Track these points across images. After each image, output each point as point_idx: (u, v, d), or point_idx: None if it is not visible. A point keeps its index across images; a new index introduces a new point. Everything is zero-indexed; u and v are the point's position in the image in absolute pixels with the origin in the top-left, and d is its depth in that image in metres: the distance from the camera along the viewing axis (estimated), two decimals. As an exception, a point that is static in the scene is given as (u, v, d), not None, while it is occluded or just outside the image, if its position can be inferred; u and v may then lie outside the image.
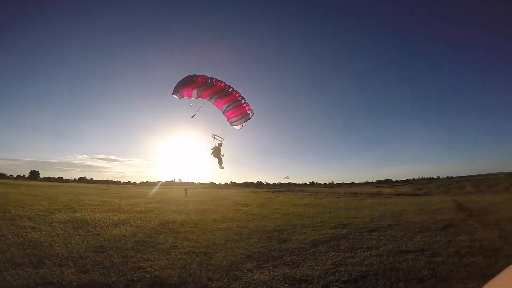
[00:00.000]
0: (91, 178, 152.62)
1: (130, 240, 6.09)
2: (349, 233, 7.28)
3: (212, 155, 11.20)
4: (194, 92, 7.53)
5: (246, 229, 8.01)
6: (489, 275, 3.48)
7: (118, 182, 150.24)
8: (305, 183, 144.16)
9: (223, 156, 10.54)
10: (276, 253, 5.41)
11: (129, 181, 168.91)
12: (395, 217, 10.07)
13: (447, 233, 6.48)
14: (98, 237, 6.21)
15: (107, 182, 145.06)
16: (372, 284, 3.71)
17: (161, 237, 6.64)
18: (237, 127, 9.43)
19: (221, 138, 10.12)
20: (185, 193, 29.12)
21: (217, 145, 11.25)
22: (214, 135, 10.23)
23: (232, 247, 5.84)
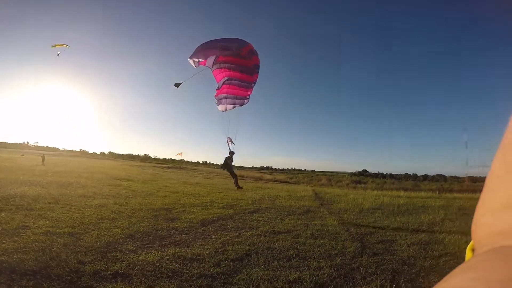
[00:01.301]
0: None
1: None
2: (235, 213, 7.82)
3: (224, 169, 9.82)
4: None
5: (127, 207, 7.31)
6: (333, 256, 4.47)
7: None
8: (198, 162, 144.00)
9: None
10: (164, 232, 5.22)
11: None
12: (271, 200, 11.56)
13: (307, 217, 7.96)
14: None
15: None
16: (254, 262, 4.10)
17: (2, 215, 5.26)
18: (222, 108, 8.07)
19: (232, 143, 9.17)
20: (42, 161, 23.84)
21: (230, 154, 9.75)
22: (229, 138, 9.15)
23: (108, 226, 5.24)
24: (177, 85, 7.93)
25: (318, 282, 3.46)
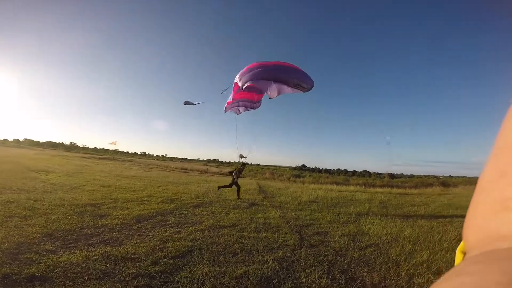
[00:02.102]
0: None
1: None
2: (176, 208, 7.51)
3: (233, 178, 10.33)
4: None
5: (44, 203, 6.38)
6: (275, 249, 4.62)
7: None
8: (135, 153, 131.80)
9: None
10: (90, 230, 4.72)
11: None
12: (217, 194, 11.41)
13: (251, 211, 8.11)
14: None
15: None
16: (198, 258, 3.99)
17: None
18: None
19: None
20: None
21: (242, 166, 10.42)
22: (241, 155, 9.75)
23: (19, 225, 4.54)
24: (188, 103, 8.13)
25: (264, 276, 3.53)
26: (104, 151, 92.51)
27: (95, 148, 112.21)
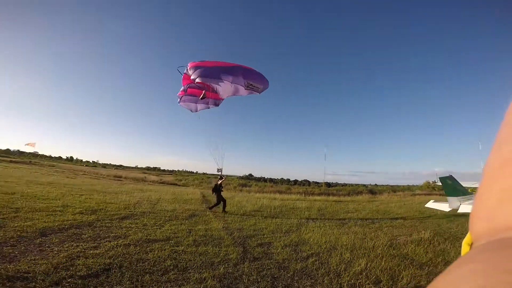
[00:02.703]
0: None
1: None
2: (98, 220, 6.52)
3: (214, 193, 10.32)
4: None
5: None
6: (215, 264, 4.12)
7: None
8: (60, 157, 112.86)
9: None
10: None
11: None
12: (152, 204, 10.28)
13: (190, 222, 7.40)
14: None
15: None
16: (116, 278, 3.37)
17: None
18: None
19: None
20: None
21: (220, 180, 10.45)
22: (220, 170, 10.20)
23: None
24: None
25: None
26: (20, 153, 77.96)
27: (8, 149, 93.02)
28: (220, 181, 10.47)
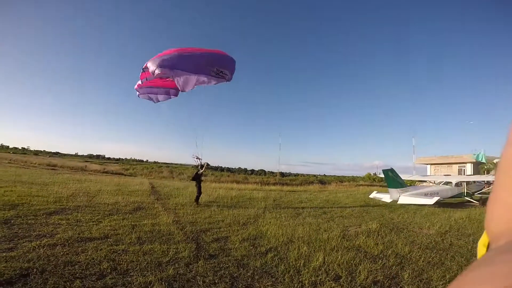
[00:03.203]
0: None
1: None
2: (18, 216, 5.45)
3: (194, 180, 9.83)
4: None
5: None
6: (163, 265, 3.55)
7: None
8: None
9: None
10: None
11: None
12: (90, 197, 8.96)
13: (134, 217, 6.59)
14: None
15: None
16: (37, 285, 2.75)
17: None
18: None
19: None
20: None
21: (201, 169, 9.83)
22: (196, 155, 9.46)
23: None
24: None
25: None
26: None
27: None
28: (201, 170, 9.75)
